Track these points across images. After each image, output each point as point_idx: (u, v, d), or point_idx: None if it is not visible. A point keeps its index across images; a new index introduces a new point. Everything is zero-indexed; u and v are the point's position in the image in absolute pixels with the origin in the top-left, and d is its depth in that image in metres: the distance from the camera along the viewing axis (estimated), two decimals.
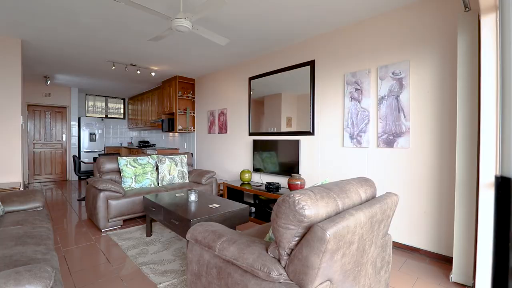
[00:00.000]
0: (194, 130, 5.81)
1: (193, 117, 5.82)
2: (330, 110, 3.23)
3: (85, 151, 7.16)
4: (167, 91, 5.85)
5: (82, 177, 6.62)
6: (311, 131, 3.39)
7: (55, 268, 1.42)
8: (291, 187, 3.04)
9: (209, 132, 5.33)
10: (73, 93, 6.88)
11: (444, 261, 2.38)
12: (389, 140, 2.69)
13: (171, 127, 5.77)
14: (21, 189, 3.48)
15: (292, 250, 1.11)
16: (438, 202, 2.42)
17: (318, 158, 3.34)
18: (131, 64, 4.77)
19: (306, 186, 3.32)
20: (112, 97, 8.14)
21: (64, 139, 6.87)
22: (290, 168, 3.57)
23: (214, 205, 2.45)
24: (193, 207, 2.41)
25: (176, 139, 6.53)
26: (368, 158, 2.86)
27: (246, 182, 3.89)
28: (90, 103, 7.74)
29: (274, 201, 3.69)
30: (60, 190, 5.59)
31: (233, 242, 1.29)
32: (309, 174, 3.44)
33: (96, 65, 4.84)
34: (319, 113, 3.34)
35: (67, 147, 6.89)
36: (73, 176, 6.88)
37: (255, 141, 4.11)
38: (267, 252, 1.20)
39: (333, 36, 3.19)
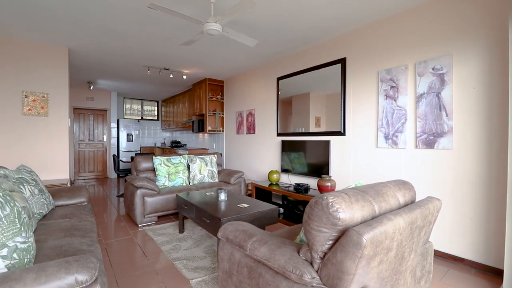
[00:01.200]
0: (223, 131, 5.93)
1: (222, 118, 5.94)
2: (362, 110, 3.10)
3: (123, 151, 7.66)
4: (198, 93, 6.05)
5: (120, 175, 7.08)
6: (342, 131, 3.28)
7: (99, 259, 1.53)
8: (321, 189, 2.97)
9: (238, 133, 5.41)
10: (113, 97, 7.39)
11: (492, 274, 2.16)
12: (429, 140, 2.51)
13: (201, 128, 5.95)
14: (68, 185, 3.81)
15: (326, 253, 1.07)
16: (485, 209, 2.21)
17: (350, 159, 3.23)
18: (165, 68, 5.00)
19: (336, 188, 3.21)
20: (147, 100, 8.61)
21: (105, 139, 7.42)
22: (319, 169, 3.49)
23: (243, 204, 2.47)
24: (223, 206, 2.46)
25: (205, 140, 6.72)
26: (405, 159, 2.69)
27: (274, 183, 3.88)
28: (128, 106, 8.25)
29: (303, 202, 3.64)
30: (101, 186, 6.03)
31: (264, 242, 1.29)
32: (339, 175, 3.34)
33: (133, 70, 5.15)
34: (350, 112, 3.23)
35: (107, 147, 7.43)
36: (112, 174, 7.40)
37: (283, 142, 4.09)
38: (298, 255, 1.18)
39: (366, 31, 3.05)
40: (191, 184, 3.90)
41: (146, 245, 2.67)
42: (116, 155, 5.63)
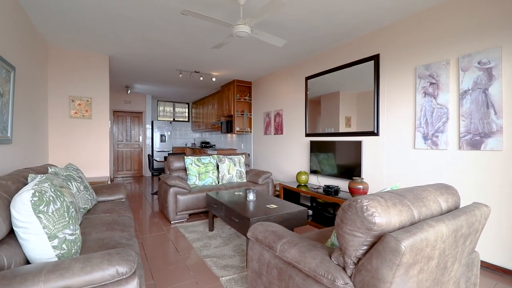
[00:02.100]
0: (250, 131, 5.98)
1: (250, 119, 5.99)
2: (398, 108, 2.93)
3: (156, 151, 8.07)
4: (226, 94, 6.17)
5: (154, 173, 7.46)
6: (375, 131, 3.13)
7: (137, 253, 1.63)
8: (353, 191, 2.86)
9: (265, 133, 5.42)
10: (148, 100, 7.82)
11: None
12: (474, 141, 2.30)
13: (230, 129, 6.06)
14: (108, 182, 4.10)
15: (360, 259, 1.03)
16: None
17: (383, 161, 3.07)
18: (195, 71, 5.17)
19: (369, 191, 3.08)
20: (179, 102, 8.98)
21: (140, 140, 7.87)
22: (350, 171, 3.37)
23: (271, 205, 2.47)
24: (251, 206, 2.47)
25: (234, 140, 6.83)
26: (447, 161, 2.50)
27: (302, 184, 3.82)
28: (161, 108, 8.68)
29: (332, 205, 3.53)
30: (137, 184, 6.41)
31: (294, 244, 1.28)
32: (372, 178, 3.19)
33: (166, 74, 5.41)
34: (384, 111, 3.07)
35: (142, 147, 7.88)
36: (147, 173, 7.83)
37: (311, 142, 4.01)
38: (330, 259, 1.15)
39: (402, 26, 2.89)
40: (220, 183, 3.99)
41: (178, 241, 2.78)
42: (151, 155, 5.94)
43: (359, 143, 3.25)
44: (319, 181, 3.92)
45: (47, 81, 3.74)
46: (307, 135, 4.25)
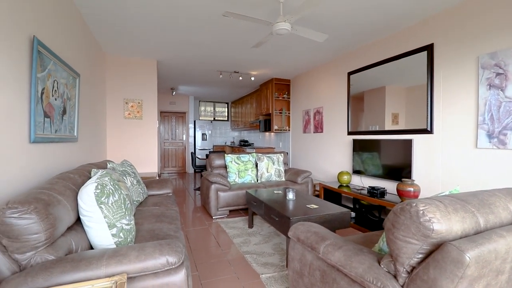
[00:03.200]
0: (289, 130, 5.92)
1: (288, 117, 5.93)
2: (456, 103, 2.63)
3: (198, 149, 8.46)
4: (264, 93, 6.19)
5: (197, 170, 7.83)
6: (429, 129, 2.86)
7: (183, 245, 1.72)
8: (402, 194, 2.65)
9: (304, 132, 5.31)
10: (190, 101, 8.23)
11: None
12: None
13: (268, 127, 6.07)
14: (157, 178, 4.42)
15: (414, 268, 0.95)
16: None
17: (438, 161, 2.78)
18: (235, 71, 5.29)
19: (421, 195, 2.82)
20: (219, 102, 9.28)
21: (184, 138, 8.34)
22: (398, 171, 3.12)
23: (312, 205, 2.41)
24: (291, 205, 2.45)
25: (272, 139, 6.83)
26: None
27: (344, 185, 3.66)
28: (202, 108, 9.07)
29: (378, 207, 3.32)
30: (181, 180, 6.80)
31: (339, 247, 1.23)
32: (424, 180, 2.92)
33: (207, 75, 5.62)
34: (439, 107, 2.78)
35: (186, 145, 8.33)
36: (190, 169, 8.26)
37: (354, 141, 3.81)
38: (379, 265, 1.08)
39: (460, 11, 2.57)
40: (259, 181, 4.02)
41: (219, 236, 2.88)
42: (193, 152, 6.25)
43: (409, 142, 3.00)
44: (362, 182, 3.72)
45: (105, 85, 4.17)
46: (349, 133, 4.05)
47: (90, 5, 2.65)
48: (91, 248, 1.49)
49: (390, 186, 3.30)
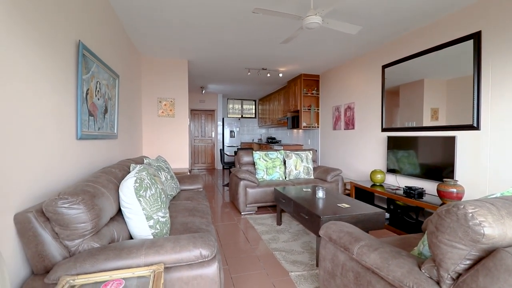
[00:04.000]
0: (318, 127, 5.78)
1: (317, 114, 5.80)
2: (509, 97, 2.37)
3: (226, 146, 8.63)
4: (292, 89, 6.11)
5: (225, 167, 7.99)
6: (475, 125, 2.61)
7: (215, 239, 1.77)
8: (443, 195, 2.46)
9: (334, 128, 5.15)
10: (219, 99, 8.40)
11: None
12: None
13: (296, 124, 5.99)
14: (188, 173, 4.59)
15: (460, 275, 0.88)
16: None
17: (486, 160, 2.54)
18: (263, 68, 5.28)
19: (465, 197, 2.59)
20: (246, 99, 9.36)
21: (213, 135, 8.55)
22: (438, 171, 2.90)
23: (343, 204, 2.34)
24: (321, 204, 2.39)
25: (300, 136, 6.73)
26: None
27: (377, 184, 3.49)
28: (230, 105, 9.21)
29: (415, 208, 3.13)
30: (210, 176, 6.99)
31: (374, 249, 1.17)
32: (469, 180, 2.68)
33: (235, 73, 5.69)
34: (488, 100, 2.52)
35: (215, 142, 8.54)
36: (219, 166, 8.46)
37: (389, 138, 3.62)
38: (420, 270, 1.01)
39: None
40: (287, 179, 3.99)
41: (248, 232, 2.91)
42: (222, 149, 6.38)
43: (451, 139, 2.77)
44: (398, 181, 3.52)
45: (140, 85, 4.40)
46: (383, 130, 3.85)
47: (127, 10, 2.80)
48: (131, 238, 1.59)
49: (428, 186, 3.08)
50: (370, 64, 4.16)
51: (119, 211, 1.64)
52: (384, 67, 3.83)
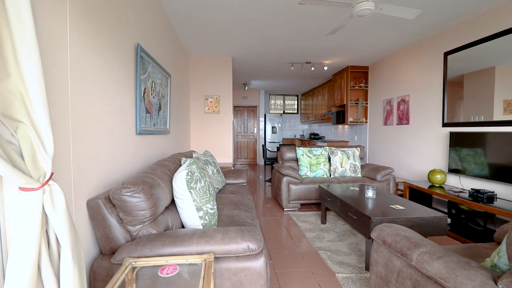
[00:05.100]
0: (366, 122, 5.43)
1: (365, 108, 5.44)
2: None
3: (268, 142, 8.66)
4: (338, 83, 5.83)
5: (267, 162, 8.05)
6: None
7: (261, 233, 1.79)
8: None
9: (385, 124, 4.78)
10: (261, 95, 8.45)
11: None
12: None
13: (341, 120, 5.72)
14: (232, 168, 4.72)
15: None
16: None
17: None
18: (306, 62, 5.14)
19: None
20: (288, 95, 9.24)
21: (255, 131, 8.65)
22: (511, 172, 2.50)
23: (397, 206, 2.16)
24: (371, 204, 2.25)
25: (345, 132, 6.42)
26: None
27: (436, 185, 3.15)
28: (272, 101, 9.20)
29: (483, 214, 2.74)
30: (252, 171, 7.10)
31: (438, 257, 1.05)
32: None
33: (278, 69, 5.64)
34: None
35: (257, 138, 8.64)
36: (261, 161, 8.55)
37: (451, 134, 3.22)
38: (496, 284, 0.88)
39: None
40: (331, 176, 3.85)
41: (291, 229, 2.89)
42: (264, 145, 6.42)
43: None
44: (461, 183, 3.13)
45: (188, 83, 4.65)
46: (444, 125, 3.44)
47: (177, 12, 2.96)
48: (183, 226, 1.69)
49: (500, 189, 2.67)
50: (429, 51, 3.74)
51: (172, 201, 1.75)
52: (446, 54, 3.41)
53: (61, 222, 0.89)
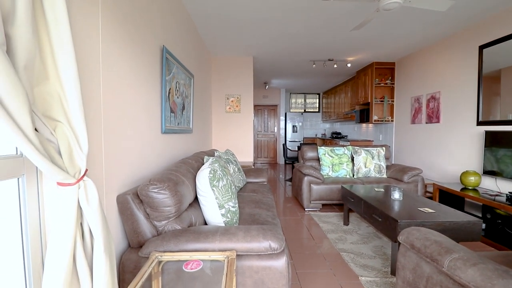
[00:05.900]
0: (392, 120, 5.21)
1: (392, 106, 5.22)
2: None
3: (289, 141, 8.59)
4: (362, 80, 5.64)
5: (287, 162, 7.99)
6: None
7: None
8: None
9: (413, 122, 4.56)
10: (282, 94, 8.39)
11: None
12: None
13: (365, 118, 5.53)
14: (252, 167, 4.74)
15: None
16: None
17: None
18: (329, 59, 5.03)
19: None
20: (309, 93, 9.10)
21: (275, 130, 8.62)
22: None
23: (426, 209, 2.05)
24: (397, 206, 2.16)
25: (369, 131, 6.20)
26: None
27: (470, 188, 2.95)
28: (293, 100, 9.10)
29: None
30: (272, 170, 7.08)
31: (472, 264, 0.99)
32: None
33: (299, 67, 5.57)
34: None
35: (277, 137, 8.60)
36: (281, 160, 8.51)
37: (487, 133, 3.00)
38: None
39: None
40: (355, 177, 3.74)
41: (312, 229, 2.85)
42: (285, 144, 6.38)
43: None
44: (498, 186, 2.91)
45: (210, 83, 4.73)
46: (479, 123, 3.22)
47: (200, 13, 3.02)
48: (205, 223, 1.73)
49: None
50: (461, 45, 3.51)
51: (196, 199, 1.80)
52: (481, 47, 3.17)
53: (95, 215, 0.94)
